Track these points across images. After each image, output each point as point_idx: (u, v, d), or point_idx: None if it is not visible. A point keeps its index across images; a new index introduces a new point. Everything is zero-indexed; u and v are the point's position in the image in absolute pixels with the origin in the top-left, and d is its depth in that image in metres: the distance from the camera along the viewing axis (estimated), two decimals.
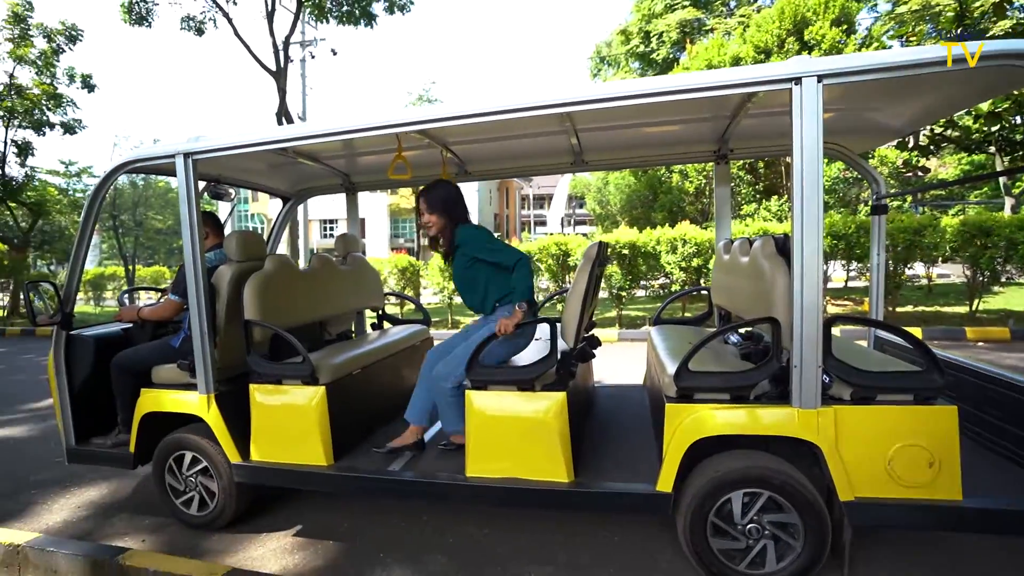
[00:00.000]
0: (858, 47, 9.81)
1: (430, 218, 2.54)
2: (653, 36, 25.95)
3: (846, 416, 1.83)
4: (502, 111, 2.03)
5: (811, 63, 1.78)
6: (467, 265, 2.50)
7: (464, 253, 2.50)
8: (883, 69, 1.73)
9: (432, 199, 2.52)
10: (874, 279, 2.98)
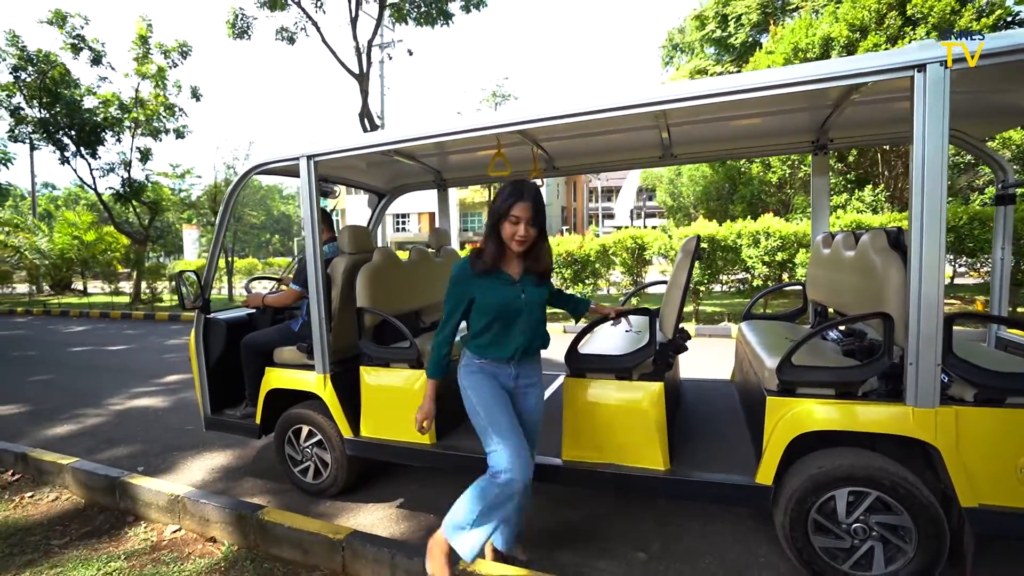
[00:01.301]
0: (976, 17, 8.87)
1: (530, 231, 1.84)
2: (731, 19, 24.70)
3: (969, 418, 1.75)
4: (599, 111, 2.10)
5: (938, 48, 1.71)
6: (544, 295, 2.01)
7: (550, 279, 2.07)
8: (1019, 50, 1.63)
9: (539, 205, 1.86)
10: (996, 274, 2.77)
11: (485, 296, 1.89)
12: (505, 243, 1.88)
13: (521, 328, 1.93)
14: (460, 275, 1.91)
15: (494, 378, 1.97)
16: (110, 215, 15.14)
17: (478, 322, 1.93)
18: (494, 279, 1.90)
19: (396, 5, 12.25)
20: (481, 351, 1.95)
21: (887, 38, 9.01)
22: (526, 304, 1.91)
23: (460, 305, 1.94)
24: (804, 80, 1.85)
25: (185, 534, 2.61)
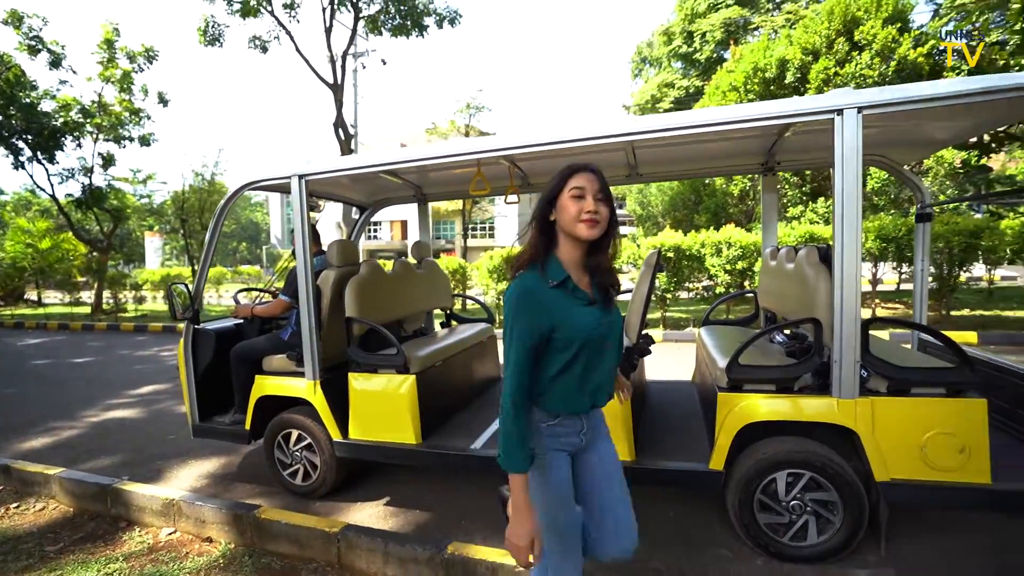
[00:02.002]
0: (913, 45, 9.62)
1: (601, 209, 1.33)
2: (696, 36, 25.73)
3: (882, 406, 2.07)
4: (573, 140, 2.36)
5: (852, 96, 2.03)
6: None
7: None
8: (921, 101, 1.96)
9: (605, 183, 1.37)
10: (917, 284, 3.15)
11: (566, 320, 1.31)
12: (564, 238, 1.36)
13: (608, 365, 1.42)
14: (528, 293, 1.30)
15: (563, 450, 1.42)
16: (69, 222, 14.70)
17: (552, 363, 1.35)
18: (568, 297, 1.34)
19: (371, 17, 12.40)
20: (552, 406, 1.38)
21: (836, 61, 9.67)
22: (610, 331, 1.38)
23: (533, 341, 1.31)
24: (747, 119, 2.15)
25: (181, 536, 2.73)
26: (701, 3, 26.05)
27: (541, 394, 1.38)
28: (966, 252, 7.68)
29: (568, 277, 1.34)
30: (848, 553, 2.17)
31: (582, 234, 1.31)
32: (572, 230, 1.32)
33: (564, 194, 1.33)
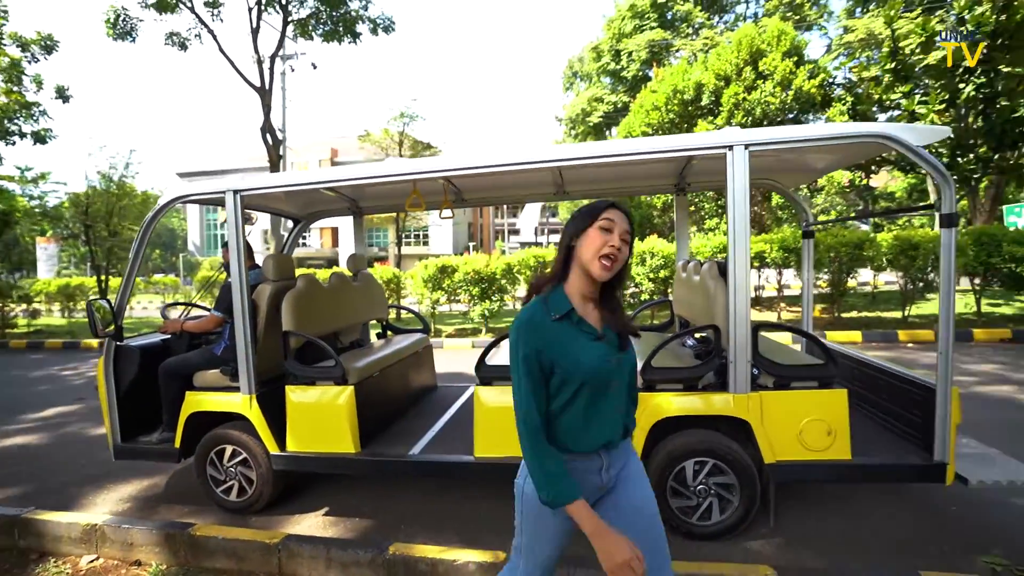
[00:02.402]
0: (808, 77, 10.78)
1: (623, 250, 1.33)
2: (623, 54, 27.10)
3: (769, 399, 2.42)
4: (503, 164, 2.57)
5: (740, 135, 2.38)
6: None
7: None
8: (797, 141, 2.34)
9: (633, 227, 1.38)
10: (804, 293, 3.64)
11: (566, 355, 1.29)
12: (578, 270, 1.34)
13: (614, 405, 1.37)
14: (529, 324, 1.29)
15: (563, 517, 1.31)
16: None
17: (555, 399, 1.32)
18: (572, 330, 1.31)
19: (301, 21, 12.12)
20: (563, 440, 1.34)
21: (744, 88, 10.64)
22: (618, 368, 1.34)
23: (535, 373, 1.29)
24: (657, 151, 2.46)
25: (105, 562, 2.63)
26: (627, 24, 27.49)
27: (550, 429, 1.33)
28: (852, 261, 8.70)
29: (572, 309, 1.32)
30: (744, 528, 2.51)
31: (596, 273, 1.29)
32: (589, 265, 1.29)
33: (594, 225, 1.30)
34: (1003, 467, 2.48)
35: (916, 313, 9.34)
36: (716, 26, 27.80)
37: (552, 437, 1.33)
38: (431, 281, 9.37)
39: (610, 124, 26.44)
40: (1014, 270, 8.06)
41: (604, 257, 1.28)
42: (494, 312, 9.26)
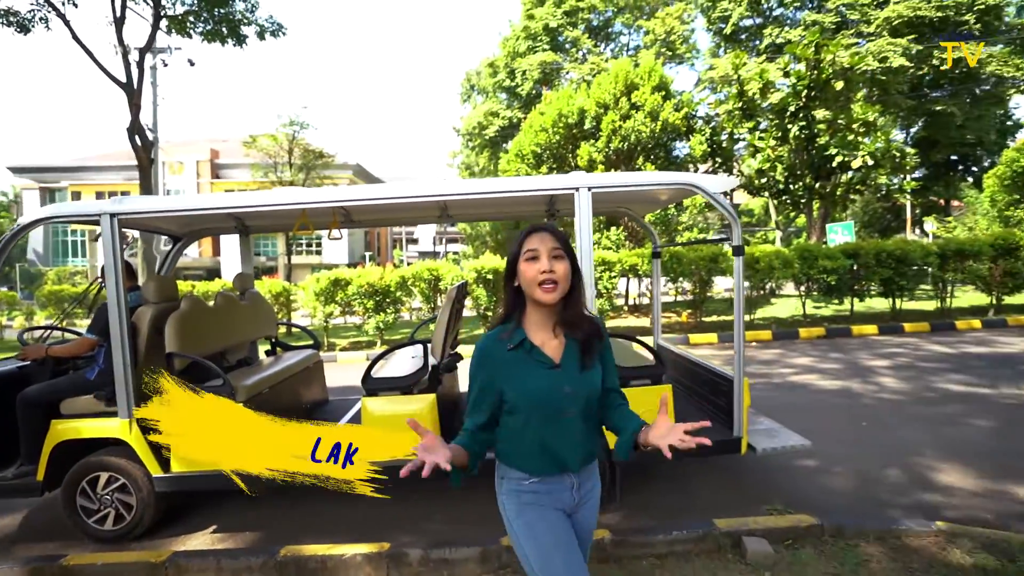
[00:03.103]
0: (675, 109, 12.25)
1: (558, 266, 1.34)
2: (518, 73, 28.27)
3: None
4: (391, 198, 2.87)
5: (585, 179, 2.91)
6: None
7: (605, 347, 1.48)
8: (626, 186, 2.92)
9: (562, 237, 1.40)
10: (654, 304, 4.35)
11: (515, 385, 1.34)
12: (529, 301, 1.38)
13: (567, 431, 1.37)
14: (484, 353, 1.38)
15: (552, 507, 1.39)
16: None
17: (508, 425, 1.39)
18: (524, 360, 1.36)
19: (177, 18, 11.32)
20: (522, 464, 1.40)
21: (620, 116, 11.81)
22: (572, 397, 1.35)
23: (487, 395, 1.37)
24: (519, 190, 2.91)
25: None
26: (521, 44, 28.74)
27: (507, 451, 1.41)
28: (710, 272, 10.08)
29: (525, 339, 1.36)
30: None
31: (542, 299, 1.32)
32: (532, 294, 1.34)
33: (520, 258, 1.35)
34: (783, 437, 3.25)
35: (760, 316, 11.00)
36: (603, 53, 30.04)
37: (516, 462, 1.40)
38: (323, 294, 9.25)
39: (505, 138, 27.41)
40: (826, 280, 9.86)
41: (541, 284, 1.32)
42: (389, 324, 9.36)
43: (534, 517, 1.38)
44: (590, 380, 1.38)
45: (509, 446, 1.41)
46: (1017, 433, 4.14)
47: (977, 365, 6.55)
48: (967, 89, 22.46)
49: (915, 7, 21.11)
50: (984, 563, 2.24)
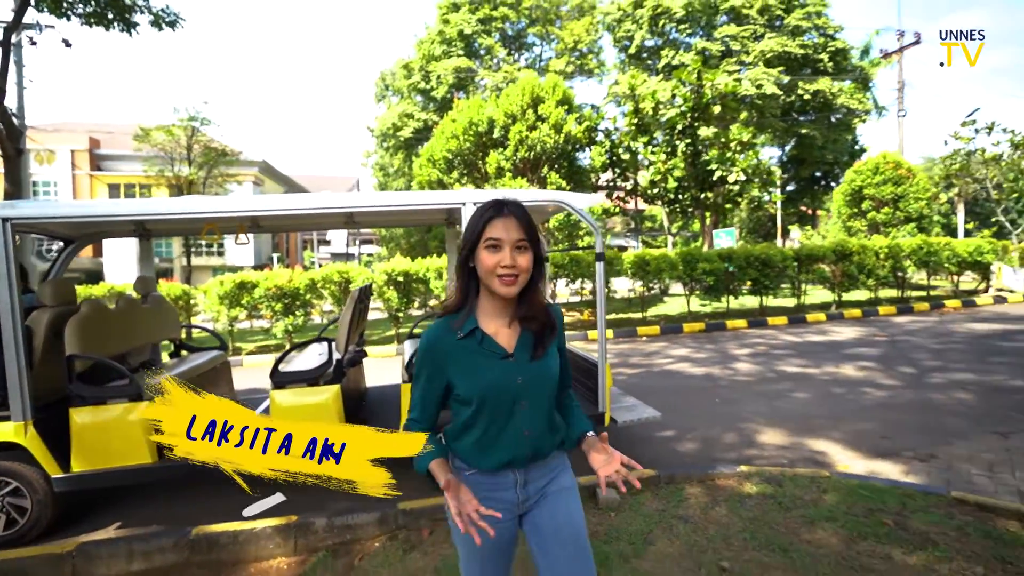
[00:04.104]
0: (577, 122, 13.18)
1: (519, 260, 1.26)
2: (433, 76, 28.44)
3: None
4: (295, 209, 3.18)
5: (471, 195, 3.39)
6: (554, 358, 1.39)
7: (558, 335, 1.41)
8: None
9: (528, 223, 1.30)
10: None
11: (464, 375, 1.28)
12: (484, 287, 1.29)
13: (518, 424, 1.30)
14: (431, 344, 1.30)
15: (488, 504, 1.23)
16: None
17: (458, 415, 1.34)
18: (474, 350, 1.28)
19: None
20: (467, 456, 1.34)
21: (527, 127, 12.53)
22: (525, 388, 1.29)
23: (433, 387, 1.32)
24: (415, 204, 3.33)
25: None
26: (436, 48, 28.94)
27: (452, 442, 1.36)
28: (608, 273, 11.06)
29: (476, 328, 1.28)
30: None
31: (499, 291, 1.23)
32: (489, 284, 1.25)
33: (480, 244, 1.24)
34: (639, 411, 3.94)
35: (653, 313, 12.19)
36: (516, 62, 31.03)
37: (459, 453, 1.34)
38: (228, 297, 9.02)
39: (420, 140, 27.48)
40: (706, 280, 11.19)
41: (501, 276, 1.22)
42: (299, 327, 9.32)
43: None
44: (544, 369, 1.31)
45: (455, 434, 1.35)
46: (824, 402, 5.22)
47: (812, 351, 7.91)
48: (825, 117, 25.97)
49: (784, 43, 24.12)
50: (763, 490, 3.00)
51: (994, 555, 2.28)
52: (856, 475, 3.28)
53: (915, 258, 12.84)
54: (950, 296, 13.44)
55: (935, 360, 6.84)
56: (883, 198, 16.50)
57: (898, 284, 13.21)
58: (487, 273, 1.24)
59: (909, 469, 3.53)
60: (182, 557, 2.60)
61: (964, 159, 18.09)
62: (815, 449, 4.00)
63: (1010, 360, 6.58)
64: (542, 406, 1.34)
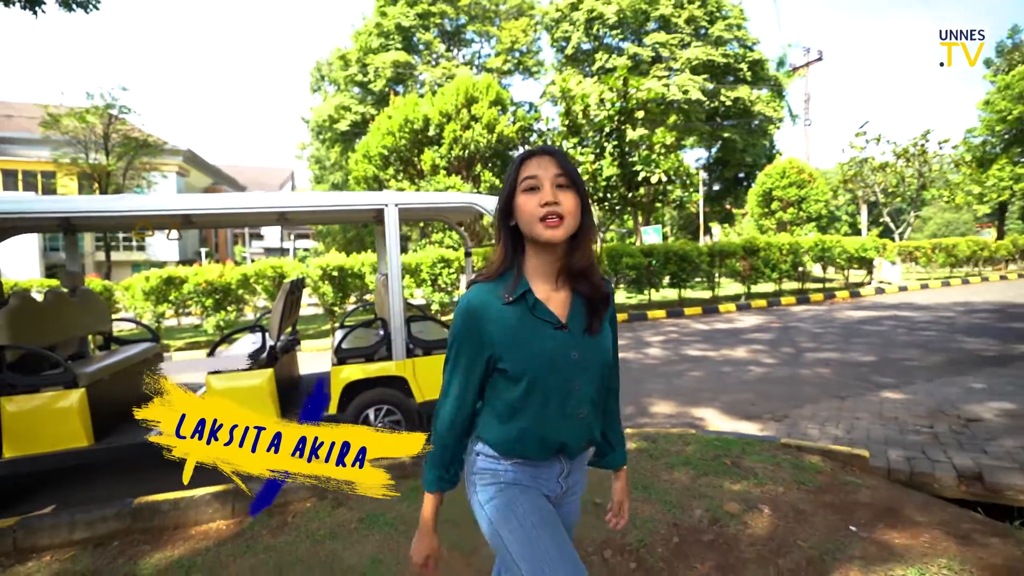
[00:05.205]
0: (510, 122, 13.71)
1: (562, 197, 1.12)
2: (370, 69, 28.09)
3: (420, 363, 3.90)
4: (227, 209, 3.46)
5: (393, 197, 3.79)
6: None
7: (610, 311, 1.25)
8: (423, 204, 3.86)
9: (567, 164, 1.15)
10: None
11: (515, 347, 1.13)
12: (529, 244, 1.17)
13: (574, 407, 1.16)
14: (471, 310, 1.15)
15: (532, 492, 1.20)
16: None
17: (501, 396, 1.18)
18: (524, 317, 1.14)
19: None
20: (508, 447, 1.18)
21: (461, 126, 12.92)
22: (580, 367, 1.16)
23: (475, 367, 1.17)
24: (342, 205, 3.69)
25: None
26: (374, 40, 28.57)
27: (492, 428, 1.19)
28: None
29: (528, 291, 1.14)
30: None
31: (542, 236, 1.09)
32: (532, 232, 1.11)
33: (517, 189, 1.13)
34: None
35: None
36: (455, 58, 31.16)
37: (506, 437, 1.17)
38: (154, 293, 8.85)
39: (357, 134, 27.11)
40: (629, 274, 12.07)
41: (543, 218, 1.09)
42: (231, 323, 9.28)
43: (514, 496, 1.17)
44: (600, 346, 1.16)
45: (495, 419, 1.18)
46: (713, 379, 6.03)
47: (716, 337, 8.87)
48: (745, 122, 28.05)
49: (708, 52, 25.80)
50: (640, 446, 3.63)
51: (795, 479, 2.99)
52: (716, 432, 4.00)
53: (812, 254, 14.38)
54: (841, 288, 15.16)
55: (813, 342, 7.93)
56: (789, 199, 18.23)
57: (799, 277, 14.73)
58: (529, 219, 1.11)
59: (764, 427, 4.30)
60: (124, 524, 2.85)
61: (858, 166, 20.27)
62: (696, 416, 4.73)
63: (868, 340, 7.76)
64: (595, 390, 1.18)
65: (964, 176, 22.83)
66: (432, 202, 3.89)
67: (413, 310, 4.96)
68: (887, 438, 3.76)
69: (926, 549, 2.28)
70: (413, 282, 10.01)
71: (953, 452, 3.37)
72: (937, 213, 54.16)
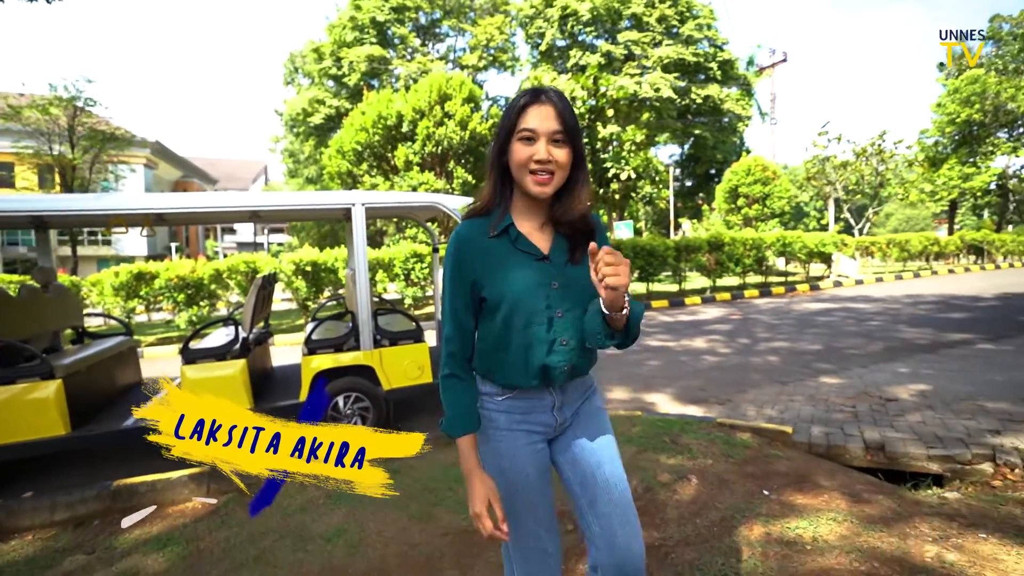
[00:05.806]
0: (482, 120, 13.91)
1: (556, 153, 1.15)
2: (345, 62, 27.85)
3: (386, 352, 4.13)
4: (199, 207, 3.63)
5: (360, 196, 4.01)
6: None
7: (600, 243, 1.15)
8: (389, 203, 4.09)
9: (568, 113, 1.17)
10: (435, 289, 5.63)
11: (496, 277, 1.19)
12: (517, 185, 1.20)
13: (556, 333, 1.21)
14: (459, 240, 1.22)
15: (522, 428, 1.26)
16: None
17: (487, 326, 1.24)
18: (506, 249, 1.20)
19: None
20: (497, 373, 1.25)
21: (434, 123, 13.07)
22: (561, 295, 1.20)
23: (462, 293, 1.23)
24: (309, 204, 3.90)
25: None
26: (348, 34, 28.31)
27: (483, 364, 1.26)
28: None
29: (511, 224, 1.19)
30: None
31: (530, 189, 1.14)
32: (521, 181, 1.16)
33: (514, 135, 1.15)
34: None
35: None
36: (429, 52, 31.09)
37: (489, 373, 1.25)
38: (124, 289, 8.84)
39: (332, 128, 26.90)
40: None
41: (534, 173, 1.13)
42: (204, 318, 9.33)
43: (506, 449, 1.24)
44: (583, 275, 1.12)
45: (484, 354, 1.25)
46: (669, 367, 6.40)
47: (678, 328, 9.29)
48: (716, 120, 28.76)
49: (679, 51, 26.36)
50: None
51: (724, 453, 3.34)
52: (662, 414, 4.35)
53: (774, 248, 14.99)
54: (802, 281, 15.84)
55: (767, 333, 8.40)
56: (754, 196, 18.89)
57: (762, 271, 15.35)
58: (519, 167, 1.15)
59: (708, 410, 4.66)
60: (104, 505, 3.04)
61: (820, 164, 21.07)
62: (648, 401, 5.08)
63: (818, 331, 8.27)
64: (579, 317, 1.21)
65: (918, 175, 23.94)
66: (398, 201, 4.13)
67: (385, 304, 5.20)
68: (813, 417, 4.16)
69: (821, 506, 2.64)
70: (387, 277, 10.19)
71: (866, 427, 3.77)
72: (899, 209, 56.36)
